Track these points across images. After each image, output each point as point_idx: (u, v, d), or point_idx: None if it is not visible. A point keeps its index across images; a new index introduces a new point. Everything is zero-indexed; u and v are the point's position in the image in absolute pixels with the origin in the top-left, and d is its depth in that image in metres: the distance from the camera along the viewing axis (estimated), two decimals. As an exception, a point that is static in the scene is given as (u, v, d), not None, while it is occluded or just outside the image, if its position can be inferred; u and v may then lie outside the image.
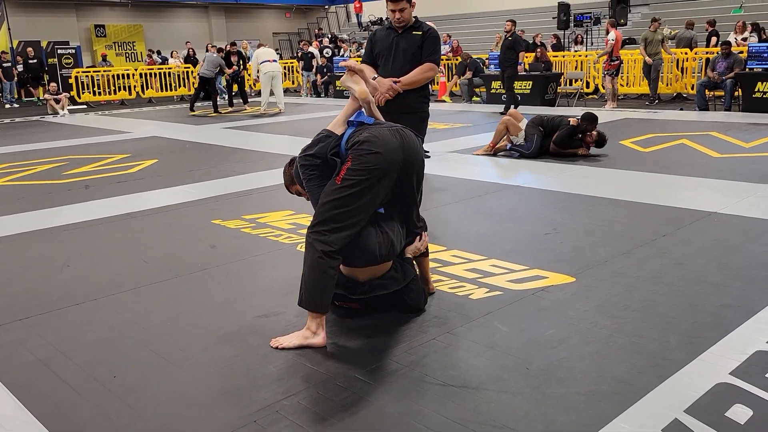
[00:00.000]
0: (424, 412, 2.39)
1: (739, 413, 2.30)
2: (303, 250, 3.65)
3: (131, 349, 3.01)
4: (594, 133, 7.40)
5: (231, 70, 15.05)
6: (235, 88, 15.90)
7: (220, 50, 15.07)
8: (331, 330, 3.13)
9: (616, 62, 12.39)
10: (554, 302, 3.34)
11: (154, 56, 21.25)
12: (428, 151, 7.40)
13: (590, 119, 7.33)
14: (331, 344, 2.98)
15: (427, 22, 4.83)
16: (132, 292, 3.73)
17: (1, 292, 3.82)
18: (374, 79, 4.54)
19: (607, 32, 12.50)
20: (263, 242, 4.61)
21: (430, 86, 4.73)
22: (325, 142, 3.03)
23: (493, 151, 7.81)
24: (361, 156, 2.86)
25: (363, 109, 3.22)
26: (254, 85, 18.75)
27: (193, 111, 14.35)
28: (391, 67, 4.54)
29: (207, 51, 15.65)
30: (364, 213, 2.93)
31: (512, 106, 11.49)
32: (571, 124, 7.37)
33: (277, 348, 2.93)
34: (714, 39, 13.79)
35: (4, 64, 17.94)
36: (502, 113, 11.48)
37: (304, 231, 4.77)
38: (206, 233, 4.91)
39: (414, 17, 4.67)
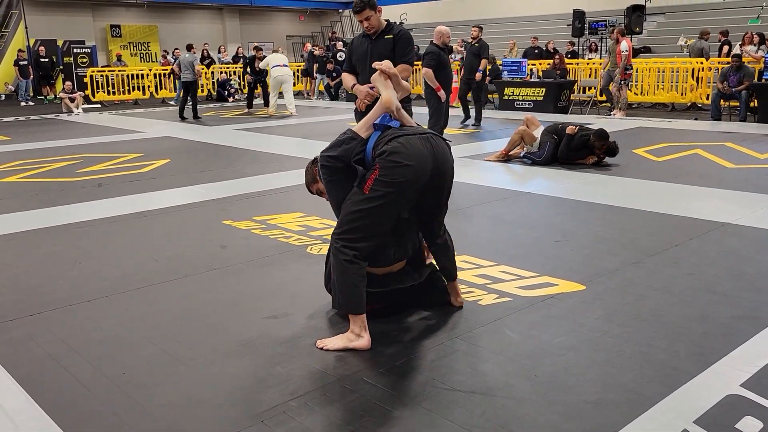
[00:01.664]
0: (431, 417, 2.39)
1: (750, 425, 2.28)
2: (312, 252, 3.67)
3: (140, 347, 3.02)
4: (603, 146, 7.37)
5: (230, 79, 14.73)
6: (259, 90, 15.72)
7: (190, 47, 14.53)
8: (341, 333, 3.13)
9: (630, 71, 12.34)
10: (564, 310, 3.33)
11: (169, 57, 21.38)
12: (450, 141, 7.49)
13: (600, 136, 7.29)
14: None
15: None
16: (142, 291, 3.75)
17: (13, 288, 3.85)
18: (353, 87, 4.64)
19: (617, 41, 12.41)
20: (273, 243, 4.62)
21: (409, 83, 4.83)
22: (349, 144, 2.95)
23: (505, 158, 7.81)
24: (390, 168, 2.80)
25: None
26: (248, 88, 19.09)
27: (185, 118, 13.41)
28: (368, 72, 4.62)
29: (184, 53, 14.63)
30: (390, 222, 2.98)
31: (480, 119, 11.64)
32: (567, 133, 7.37)
33: (321, 349, 2.91)
34: (726, 48, 13.71)
35: (21, 63, 18.11)
36: (474, 125, 11.50)
37: (314, 233, 4.82)
38: (217, 233, 4.93)
39: (386, 20, 4.76)
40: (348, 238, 2.87)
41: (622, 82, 12.37)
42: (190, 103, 13.46)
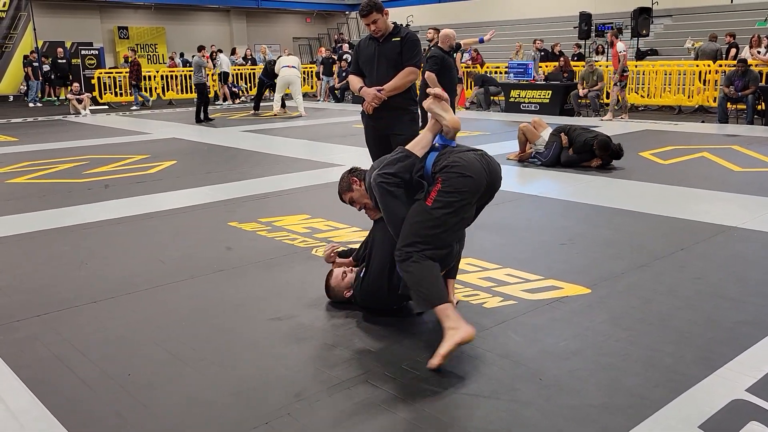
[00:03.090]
0: (435, 419, 2.39)
1: (755, 431, 2.27)
2: (318, 254, 3.66)
3: (145, 348, 3.03)
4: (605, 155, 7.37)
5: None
6: (267, 92, 15.69)
7: (201, 48, 14.45)
8: (346, 334, 3.14)
9: (627, 73, 12.29)
10: (569, 313, 3.32)
11: (176, 59, 21.45)
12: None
13: (601, 147, 7.28)
14: (345, 349, 2.99)
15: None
16: (148, 292, 3.77)
17: (20, 288, 3.87)
18: (361, 89, 4.65)
19: (612, 44, 12.36)
20: (279, 245, 4.63)
21: (415, 87, 4.84)
22: (404, 162, 3.02)
23: (519, 158, 7.86)
24: (452, 179, 2.92)
25: (444, 132, 3.17)
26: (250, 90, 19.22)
27: (200, 121, 13.43)
28: (375, 75, 4.64)
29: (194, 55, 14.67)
30: (456, 233, 3.06)
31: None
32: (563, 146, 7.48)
33: (439, 365, 2.73)
34: (734, 51, 13.66)
35: (34, 64, 18.21)
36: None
37: (319, 235, 4.83)
38: (222, 235, 4.94)
39: (393, 23, 4.76)
40: (419, 249, 2.90)
41: (620, 85, 12.32)
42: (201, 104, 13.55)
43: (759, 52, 12.69)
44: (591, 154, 7.34)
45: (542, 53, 16.44)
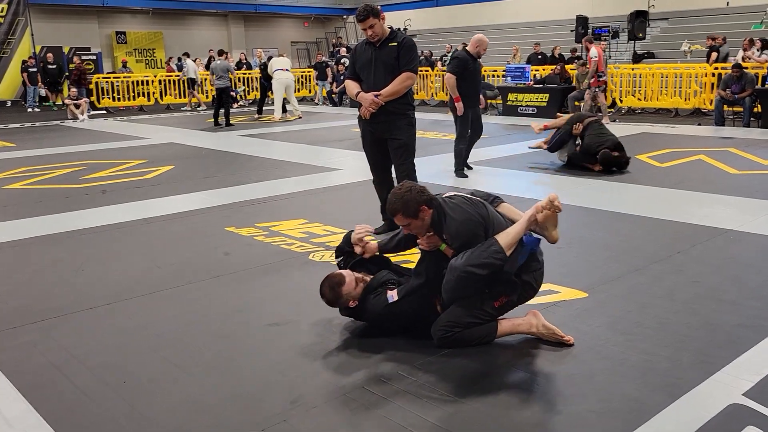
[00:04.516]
0: (432, 425, 2.38)
1: (752, 435, 2.27)
2: (315, 259, 3.66)
3: (143, 355, 3.02)
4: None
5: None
6: (271, 95, 15.62)
7: (222, 53, 14.48)
8: (343, 340, 3.13)
9: (603, 78, 12.28)
10: (566, 317, 3.31)
11: (172, 63, 21.44)
12: (471, 167, 7.54)
13: (603, 163, 7.29)
14: (342, 354, 2.99)
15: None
16: (145, 298, 3.76)
17: (16, 295, 3.86)
18: (358, 94, 4.65)
19: (587, 49, 12.37)
20: (276, 250, 4.62)
21: (412, 92, 4.84)
22: (496, 266, 2.88)
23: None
24: (523, 296, 3.08)
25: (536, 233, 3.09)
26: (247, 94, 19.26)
27: (219, 124, 13.38)
28: (372, 80, 4.65)
29: (213, 59, 14.72)
30: None
31: None
32: (573, 133, 7.48)
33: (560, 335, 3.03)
34: (714, 54, 13.76)
35: (30, 69, 18.21)
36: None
37: (316, 240, 4.82)
38: (220, 240, 4.94)
39: (389, 27, 4.77)
40: (466, 327, 2.97)
41: (596, 90, 12.31)
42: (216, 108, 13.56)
43: (754, 54, 12.71)
44: (594, 158, 7.33)
45: (540, 56, 16.46)
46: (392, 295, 3.08)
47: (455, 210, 2.96)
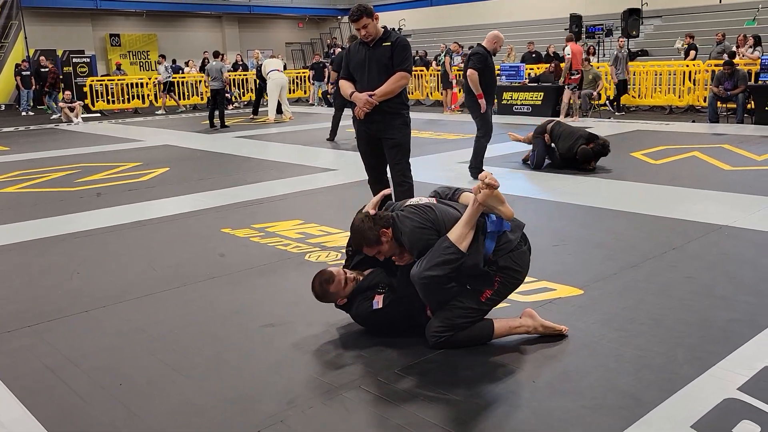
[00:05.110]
0: (428, 423, 2.39)
1: (747, 430, 2.28)
2: (311, 259, 3.67)
3: (138, 357, 3.02)
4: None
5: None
6: (266, 96, 15.58)
7: (217, 54, 14.32)
8: (339, 341, 3.14)
9: (576, 76, 12.31)
10: (562, 314, 3.32)
11: (159, 67, 21.37)
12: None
13: (584, 158, 7.30)
14: (338, 355, 2.99)
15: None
16: (141, 300, 3.76)
17: (12, 299, 3.85)
18: (352, 94, 4.64)
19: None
20: (272, 251, 4.62)
21: (407, 91, 4.83)
22: (453, 264, 2.84)
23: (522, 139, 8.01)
24: (509, 283, 3.04)
25: (496, 216, 3.04)
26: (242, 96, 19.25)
27: (214, 126, 13.29)
28: (366, 80, 4.66)
29: (209, 61, 14.52)
30: None
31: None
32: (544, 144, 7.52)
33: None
34: (693, 53, 13.88)
35: (24, 73, 18.16)
36: (328, 139, 10.73)
37: (312, 240, 4.82)
38: (215, 242, 4.94)
39: (383, 27, 4.77)
40: (459, 329, 2.97)
41: (566, 87, 12.35)
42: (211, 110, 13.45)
43: (747, 51, 12.76)
44: (576, 161, 7.33)
45: (534, 55, 16.47)
46: (377, 302, 3.10)
47: (404, 222, 2.97)
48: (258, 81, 15.45)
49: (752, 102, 11.39)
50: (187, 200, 6.46)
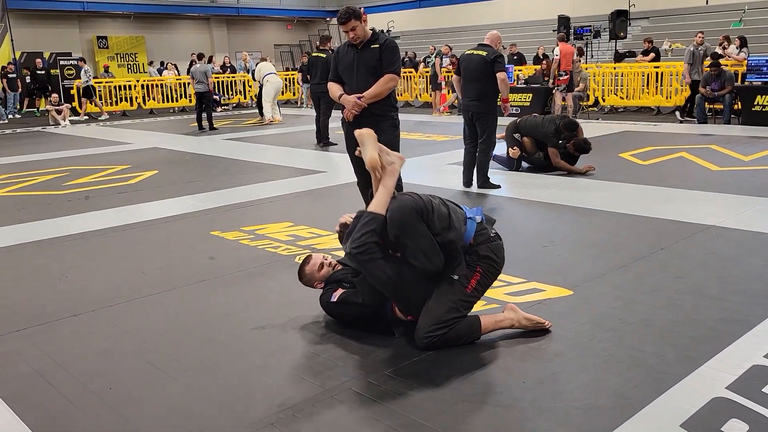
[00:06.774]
0: (420, 425, 2.39)
1: (735, 428, 2.30)
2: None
3: (128, 361, 3.00)
4: (573, 142, 7.29)
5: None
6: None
7: (201, 57, 14.30)
8: (329, 343, 3.13)
9: (564, 77, 12.35)
10: (552, 315, 3.33)
11: (150, 68, 21.31)
12: (499, 186, 6.61)
13: (579, 149, 7.24)
14: (328, 357, 2.98)
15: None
16: (130, 304, 3.73)
17: (0, 303, 3.82)
18: (340, 97, 4.64)
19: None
20: (262, 254, 4.61)
21: (395, 94, 4.84)
22: (371, 227, 2.93)
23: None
24: (490, 273, 3.10)
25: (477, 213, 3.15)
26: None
27: (203, 128, 13.19)
28: (355, 82, 4.66)
29: (194, 63, 14.43)
30: None
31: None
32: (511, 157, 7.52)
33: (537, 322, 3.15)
34: (652, 55, 13.98)
35: (9, 75, 18.01)
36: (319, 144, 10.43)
37: (302, 243, 4.81)
38: (205, 244, 4.92)
39: (372, 29, 4.77)
40: (451, 325, 2.97)
41: (556, 89, 12.40)
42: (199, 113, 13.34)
43: (733, 52, 12.86)
44: (567, 156, 7.33)
45: (516, 57, 16.52)
46: (334, 296, 3.22)
47: (395, 198, 3.02)
48: (259, 83, 15.44)
49: (739, 103, 11.49)
50: (176, 203, 6.43)
